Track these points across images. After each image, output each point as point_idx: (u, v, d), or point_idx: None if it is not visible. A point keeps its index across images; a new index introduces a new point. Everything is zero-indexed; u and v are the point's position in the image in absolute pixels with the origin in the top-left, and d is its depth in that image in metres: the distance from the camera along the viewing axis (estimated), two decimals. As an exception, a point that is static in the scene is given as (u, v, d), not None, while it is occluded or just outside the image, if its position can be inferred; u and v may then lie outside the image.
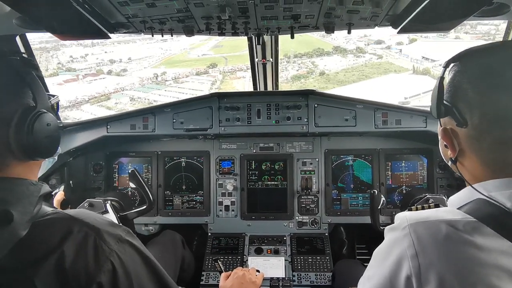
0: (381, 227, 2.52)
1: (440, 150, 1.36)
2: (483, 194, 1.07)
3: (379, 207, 2.58)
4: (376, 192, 2.53)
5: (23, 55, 1.23)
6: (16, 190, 1.07)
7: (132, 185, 2.70)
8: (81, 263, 1.03)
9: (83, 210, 1.20)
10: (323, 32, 1.94)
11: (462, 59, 1.18)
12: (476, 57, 1.16)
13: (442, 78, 1.20)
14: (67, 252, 1.02)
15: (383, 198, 2.63)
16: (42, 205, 1.12)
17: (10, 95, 1.14)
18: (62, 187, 2.83)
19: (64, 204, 2.61)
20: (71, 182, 3.16)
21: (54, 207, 1.19)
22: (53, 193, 2.60)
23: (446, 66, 1.21)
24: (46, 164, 1.37)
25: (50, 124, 1.23)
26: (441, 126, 1.24)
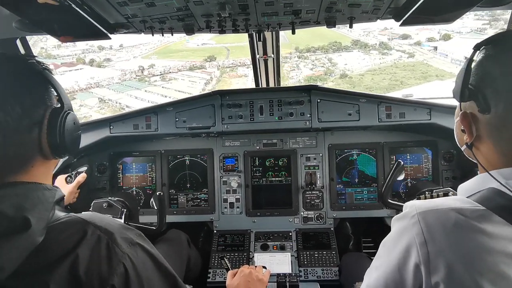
0: (390, 200, 2.53)
1: (455, 134, 1.33)
2: (499, 182, 1.05)
3: (398, 179, 2.55)
4: (402, 163, 2.50)
5: (36, 57, 1.24)
6: (32, 196, 1.08)
7: (154, 205, 2.78)
8: (94, 266, 1.04)
9: (96, 213, 1.21)
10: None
11: (495, 43, 1.13)
12: (510, 43, 1.12)
13: (471, 61, 1.15)
14: (81, 255, 1.03)
15: (404, 174, 2.59)
16: (56, 209, 1.13)
17: (39, 97, 1.16)
18: (85, 169, 2.85)
19: (80, 187, 2.66)
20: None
21: (66, 212, 1.19)
22: (75, 172, 2.68)
23: (477, 48, 1.16)
24: (59, 163, 1.39)
25: (75, 122, 1.28)
26: (460, 110, 1.20)
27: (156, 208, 2.68)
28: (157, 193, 2.66)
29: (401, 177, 2.58)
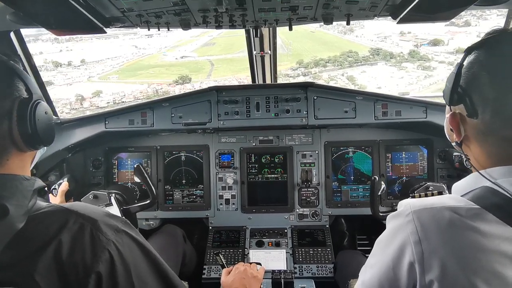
0: (381, 213, 2.54)
1: (445, 130, 1.33)
2: (490, 181, 1.06)
3: (379, 194, 2.57)
4: (377, 178, 2.52)
5: None
6: (10, 185, 1.08)
7: (136, 179, 2.74)
8: (78, 253, 1.03)
9: (78, 202, 1.21)
10: (344, 30, 1.91)
11: (486, 48, 1.12)
12: (500, 49, 1.10)
13: (461, 65, 1.14)
14: (64, 241, 1.02)
15: (383, 185, 2.62)
16: (37, 200, 1.12)
17: (6, 88, 1.15)
18: (67, 178, 2.84)
19: (68, 195, 2.63)
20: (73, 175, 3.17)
21: (49, 202, 1.19)
22: (57, 184, 2.65)
23: (468, 52, 1.14)
24: (38, 156, 1.36)
25: (47, 112, 1.26)
26: (450, 110, 1.21)
27: (140, 181, 2.68)
28: (135, 166, 2.66)
29: (381, 190, 2.60)
